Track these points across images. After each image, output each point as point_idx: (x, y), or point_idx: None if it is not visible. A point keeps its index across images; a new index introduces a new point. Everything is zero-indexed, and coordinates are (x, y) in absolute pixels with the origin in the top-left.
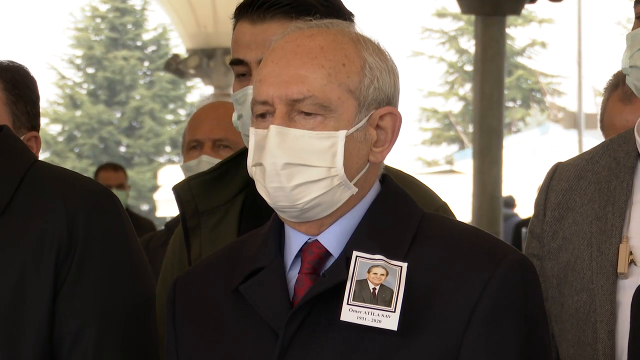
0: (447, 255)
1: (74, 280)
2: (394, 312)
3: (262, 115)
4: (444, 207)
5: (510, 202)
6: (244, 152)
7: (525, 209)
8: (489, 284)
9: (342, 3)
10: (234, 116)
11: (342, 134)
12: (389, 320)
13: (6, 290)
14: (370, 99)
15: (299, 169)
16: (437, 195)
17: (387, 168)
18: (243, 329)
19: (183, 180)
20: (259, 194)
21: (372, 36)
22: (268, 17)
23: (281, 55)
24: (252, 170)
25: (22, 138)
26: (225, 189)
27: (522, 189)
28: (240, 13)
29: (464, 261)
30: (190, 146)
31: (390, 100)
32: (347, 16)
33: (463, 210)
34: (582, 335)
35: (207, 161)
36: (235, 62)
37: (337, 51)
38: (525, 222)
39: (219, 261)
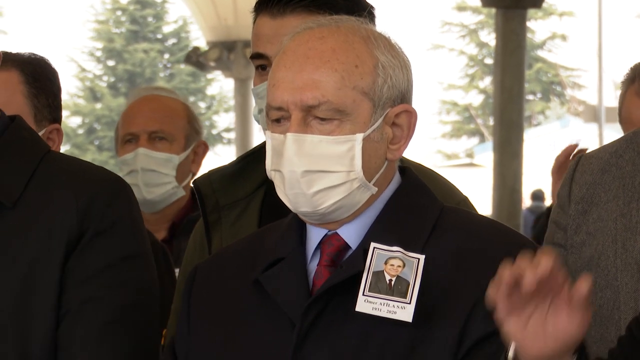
0: (464, 248)
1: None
2: (410, 303)
3: (277, 119)
4: (465, 201)
5: (539, 196)
6: (264, 145)
7: (546, 202)
8: None
9: None
10: (254, 110)
11: (359, 137)
12: (404, 311)
13: (16, 283)
14: (384, 98)
15: (319, 175)
16: (458, 190)
17: (408, 162)
18: (261, 318)
19: (204, 175)
20: None
21: (383, 31)
22: (288, 11)
23: (293, 59)
24: (272, 174)
25: (43, 130)
26: (245, 183)
27: (542, 182)
28: (261, 7)
29: (481, 253)
30: (125, 140)
31: (404, 95)
32: (367, 10)
33: (483, 204)
34: (606, 332)
35: (144, 154)
36: (256, 56)
37: (349, 52)
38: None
39: (239, 251)
